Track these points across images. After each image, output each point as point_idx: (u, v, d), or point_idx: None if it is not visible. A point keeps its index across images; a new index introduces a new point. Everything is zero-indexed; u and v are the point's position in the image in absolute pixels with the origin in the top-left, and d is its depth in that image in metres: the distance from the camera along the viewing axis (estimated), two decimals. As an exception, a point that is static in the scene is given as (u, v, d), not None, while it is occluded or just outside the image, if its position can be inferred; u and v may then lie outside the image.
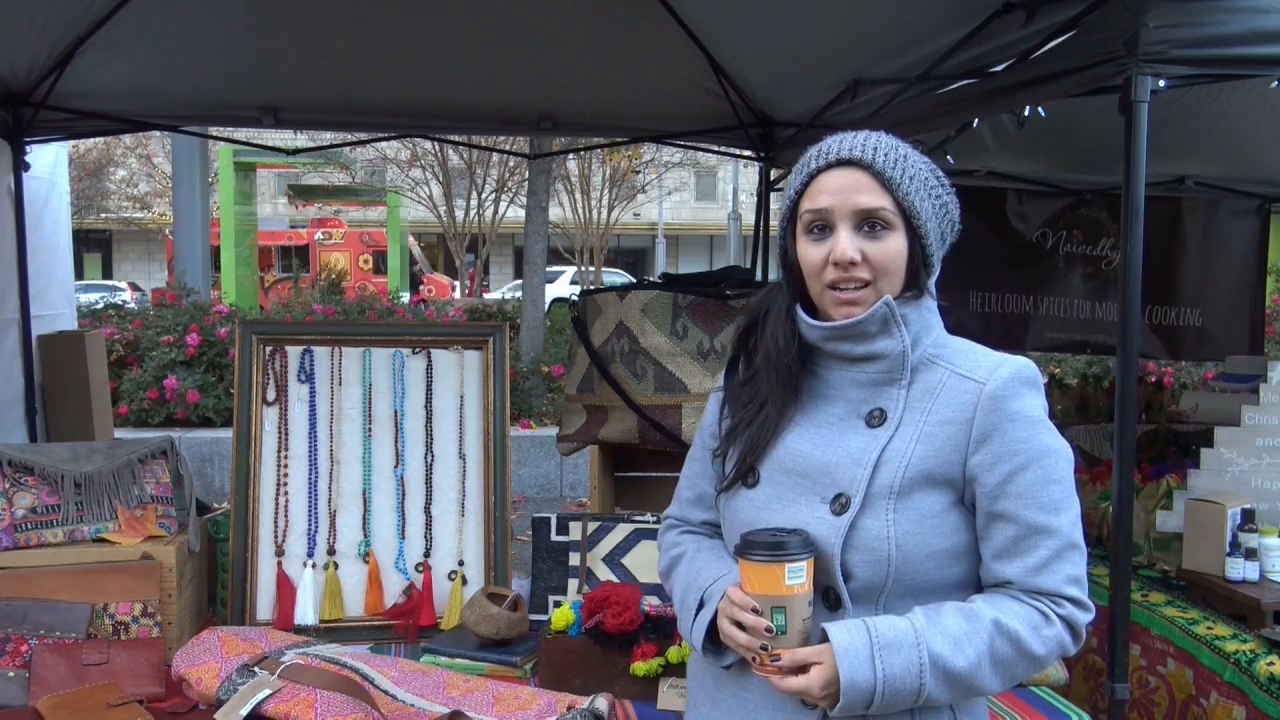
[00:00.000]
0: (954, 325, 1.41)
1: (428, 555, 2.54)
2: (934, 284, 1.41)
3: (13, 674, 2.07)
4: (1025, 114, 2.62)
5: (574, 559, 2.48)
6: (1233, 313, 5.12)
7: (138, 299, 20.25)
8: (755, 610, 1.28)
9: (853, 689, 1.24)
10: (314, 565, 2.47)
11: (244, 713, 1.87)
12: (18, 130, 3.85)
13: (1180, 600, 2.85)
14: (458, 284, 22.04)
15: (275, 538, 2.49)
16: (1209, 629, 2.62)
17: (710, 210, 32.69)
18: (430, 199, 20.74)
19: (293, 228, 23.06)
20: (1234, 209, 5.04)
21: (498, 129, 5.59)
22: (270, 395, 2.55)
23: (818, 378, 1.43)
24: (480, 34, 3.63)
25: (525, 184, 12.94)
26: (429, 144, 15.95)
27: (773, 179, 4.53)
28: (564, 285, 22.66)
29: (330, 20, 3.51)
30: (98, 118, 4.00)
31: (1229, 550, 2.76)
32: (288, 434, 2.54)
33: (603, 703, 1.93)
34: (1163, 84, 2.16)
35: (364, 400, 2.60)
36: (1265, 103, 3.33)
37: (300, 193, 22.33)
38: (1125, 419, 2.21)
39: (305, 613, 2.42)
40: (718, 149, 4.89)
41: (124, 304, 12.40)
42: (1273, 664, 2.38)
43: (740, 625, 1.30)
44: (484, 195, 19.95)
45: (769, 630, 1.27)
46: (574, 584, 2.45)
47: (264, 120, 4.13)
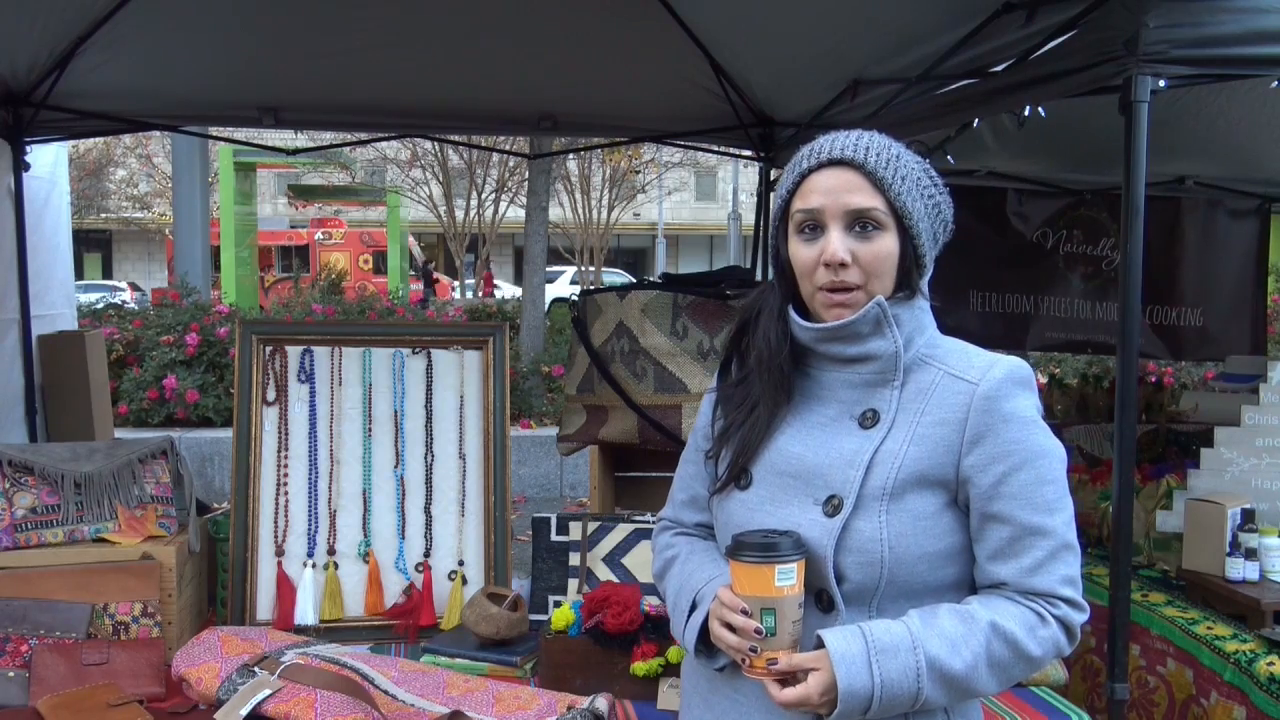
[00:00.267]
0: (954, 325, 1.40)
1: (428, 555, 2.54)
2: (927, 284, 1.41)
3: (13, 674, 2.07)
4: (1025, 114, 2.61)
5: (574, 559, 2.48)
6: (1233, 313, 5.11)
7: (138, 299, 20.26)
8: (745, 612, 1.28)
9: (850, 695, 1.23)
10: (314, 565, 2.48)
11: (244, 713, 1.87)
12: (18, 130, 3.85)
13: (1180, 600, 2.84)
14: (456, 284, 22.02)
15: (275, 538, 2.49)
16: (1209, 629, 2.62)
17: (710, 210, 32.68)
18: (430, 199, 20.74)
19: (293, 228, 23.07)
20: (1234, 209, 5.03)
21: (498, 129, 5.58)
22: (270, 395, 2.55)
23: (810, 379, 1.42)
24: (480, 34, 3.63)
25: (525, 184, 12.94)
26: (429, 144, 15.95)
27: (773, 179, 4.53)
28: (564, 285, 22.67)
29: (330, 20, 3.50)
30: (98, 118, 4.00)
31: (1229, 550, 2.76)
32: (288, 434, 2.54)
33: (603, 703, 1.93)
34: (1163, 84, 2.15)
35: (364, 400, 2.60)
36: (1265, 103, 3.33)
37: (300, 193, 22.30)
38: (1125, 419, 2.21)
39: (305, 613, 2.42)
40: (718, 149, 4.89)
41: (124, 304, 12.41)
42: (1273, 664, 2.38)
43: (730, 627, 1.30)
44: (484, 195, 19.96)
45: (758, 632, 1.27)
46: (574, 584, 2.45)
47: (264, 120, 4.12)
